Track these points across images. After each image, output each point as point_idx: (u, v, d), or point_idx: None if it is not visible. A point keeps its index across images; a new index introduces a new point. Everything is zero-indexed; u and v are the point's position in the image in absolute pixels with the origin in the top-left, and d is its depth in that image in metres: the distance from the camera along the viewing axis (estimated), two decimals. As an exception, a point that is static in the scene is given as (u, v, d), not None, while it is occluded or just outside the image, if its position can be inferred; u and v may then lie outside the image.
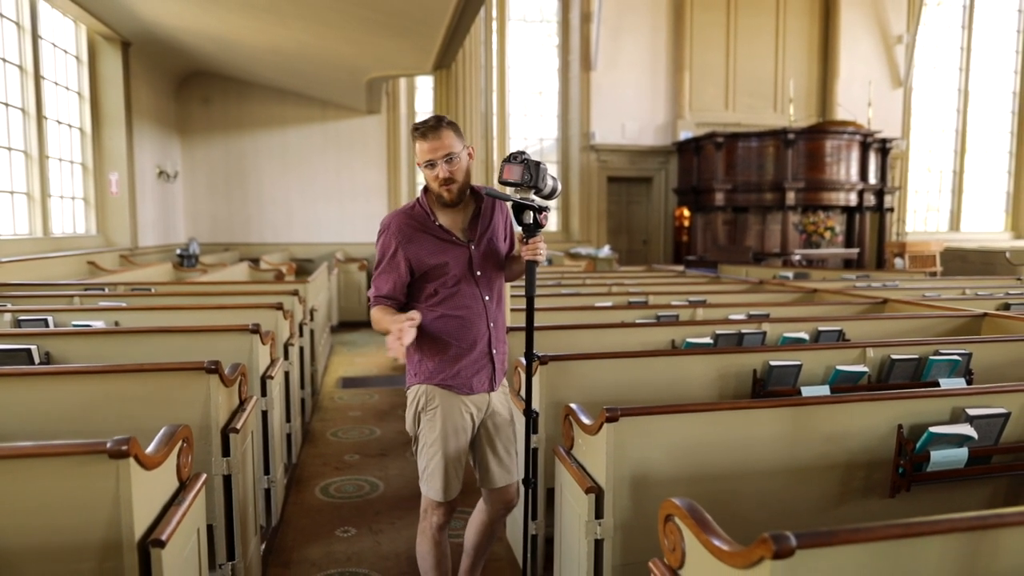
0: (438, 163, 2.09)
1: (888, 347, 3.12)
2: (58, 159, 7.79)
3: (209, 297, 4.72)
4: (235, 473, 2.32)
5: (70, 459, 1.41)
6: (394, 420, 5.09)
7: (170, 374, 2.27)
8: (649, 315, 4.25)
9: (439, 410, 2.19)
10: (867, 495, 2.19)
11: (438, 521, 2.24)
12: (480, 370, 2.23)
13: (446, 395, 2.20)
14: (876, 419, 2.17)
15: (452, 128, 2.12)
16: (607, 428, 1.97)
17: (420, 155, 2.11)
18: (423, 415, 2.21)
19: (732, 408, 2.08)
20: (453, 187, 2.13)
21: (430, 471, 2.19)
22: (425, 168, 2.12)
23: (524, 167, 2.12)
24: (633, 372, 2.90)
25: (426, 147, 2.09)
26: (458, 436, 2.20)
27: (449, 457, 2.18)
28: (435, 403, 2.20)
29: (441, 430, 2.18)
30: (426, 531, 2.27)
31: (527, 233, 2.19)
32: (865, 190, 12.02)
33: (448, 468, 2.18)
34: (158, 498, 1.62)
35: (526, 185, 2.13)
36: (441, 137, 2.08)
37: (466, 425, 2.22)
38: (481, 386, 2.24)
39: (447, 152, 2.09)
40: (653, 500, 2.02)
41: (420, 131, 2.10)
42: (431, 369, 2.22)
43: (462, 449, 2.22)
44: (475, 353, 2.21)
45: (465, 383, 2.21)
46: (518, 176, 2.12)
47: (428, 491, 2.21)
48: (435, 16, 6.64)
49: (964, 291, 5.98)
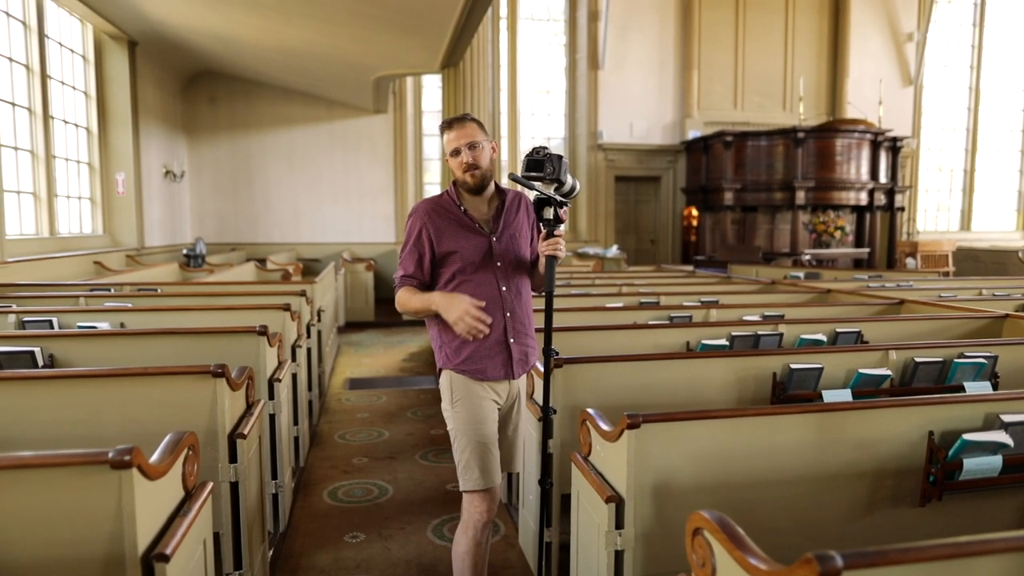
0: (462, 150, 2.20)
1: (911, 350, 3.04)
2: (64, 159, 7.75)
3: (216, 298, 4.66)
4: (243, 480, 2.25)
5: (70, 470, 1.34)
6: (402, 422, 5.03)
7: (176, 378, 2.21)
8: (661, 316, 4.18)
9: (464, 400, 2.22)
10: (896, 504, 2.11)
11: (480, 517, 2.20)
12: (495, 356, 2.25)
13: (466, 382, 2.23)
14: (906, 425, 2.09)
15: (476, 122, 2.27)
16: (628, 435, 1.90)
17: (447, 145, 2.25)
18: (452, 407, 2.25)
19: (757, 414, 2.00)
20: (476, 172, 2.22)
21: (465, 462, 2.20)
22: (451, 157, 2.24)
23: (547, 161, 2.14)
24: (649, 375, 2.83)
25: (452, 136, 2.22)
26: (486, 423, 2.23)
27: (481, 444, 2.20)
28: (460, 394, 2.23)
29: (466, 418, 2.21)
30: (468, 528, 2.22)
31: (547, 228, 2.20)
32: (876, 189, 11.89)
33: (483, 453, 2.19)
34: (163, 509, 1.55)
35: (548, 179, 2.16)
36: (465, 127, 2.22)
37: (491, 411, 2.25)
38: (496, 372, 2.25)
39: (470, 140, 2.21)
40: (676, 509, 1.95)
41: (447, 123, 2.27)
42: (448, 354, 2.26)
43: (492, 435, 2.24)
44: (489, 340, 2.23)
45: (479, 369, 2.23)
46: (540, 170, 2.15)
47: (467, 483, 2.20)
48: (444, 14, 6.57)
49: (981, 292, 5.89)
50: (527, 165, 2.16)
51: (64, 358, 2.87)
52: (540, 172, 2.15)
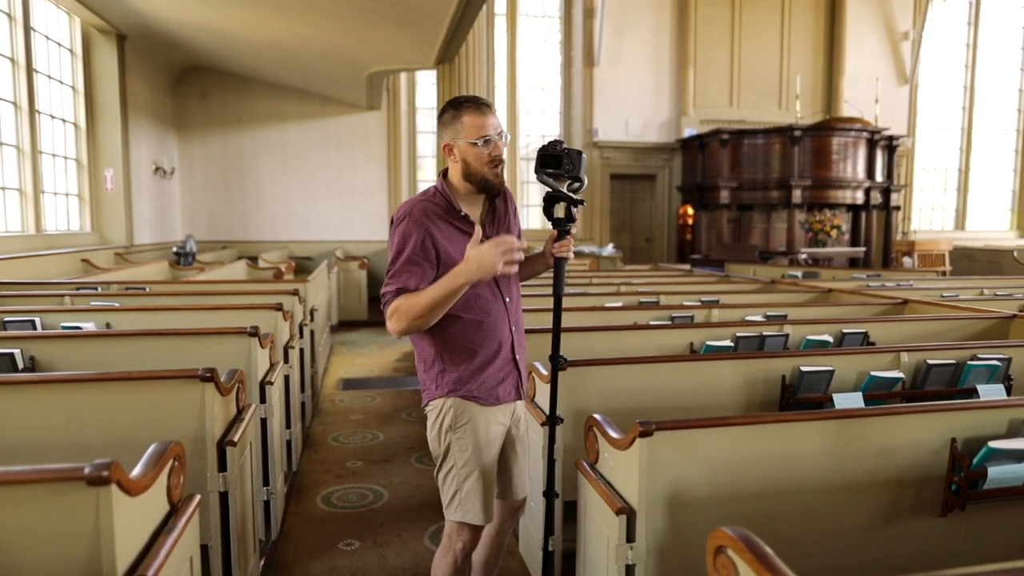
0: (493, 140, 1.90)
1: (923, 351, 2.96)
2: (51, 154, 7.59)
3: (206, 297, 4.54)
4: (232, 489, 2.14)
5: (43, 487, 1.23)
6: (397, 424, 4.92)
7: (161, 383, 2.09)
8: (662, 316, 4.09)
9: (469, 426, 1.99)
10: (917, 514, 2.03)
11: (465, 547, 2.04)
12: (505, 378, 2.04)
13: (475, 409, 1.99)
14: (927, 432, 2.00)
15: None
16: (640, 443, 1.80)
17: (473, 131, 1.89)
18: (451, 433, 1.99)
19: (775, 421, 1.91)
20: (500, 169, 1.95)
21: (464, 493, 1.98)
22: (474, 147, 1.90)
23: (565, 156, 1.95)
24: (655, 378, 2.74)
25: (483, 121, 1.89)
26: (491, 451, 2.03)
27: (485, 476, 2.00)
28: (465, 419, 1.98)
29: (474, 448, 1.98)
30: (448, 556, 2.06)
31: (557, 228, 2.02)
32: (872, 188, 11.84)
33: (486, 489, 2.00)
34: (145, 526, 1.45)
35: (566, 175, 1.96)
36: (495, 114, 1.95)
37: (495, 438, 2.04)
38: (508, 395, 2.05)
39: (501, 129, 1.93)
40: (690, 521, 1.85)
41: (475, 104, 1.92)
42: (454, 380, 1.99)
43: (494, 465, 2.05)
44: (499, 360, 2.02)
45: (491, 393, 2.01)
46: (558, 166, 1.95)
47: (464, 516, 1.99)
48: (440, 8, 6.45)
49: (982, 291, 5.83)
50: (542, 160, 1.96)
51: (46, 360, 2.75)
52: (558, 169, 1.95)
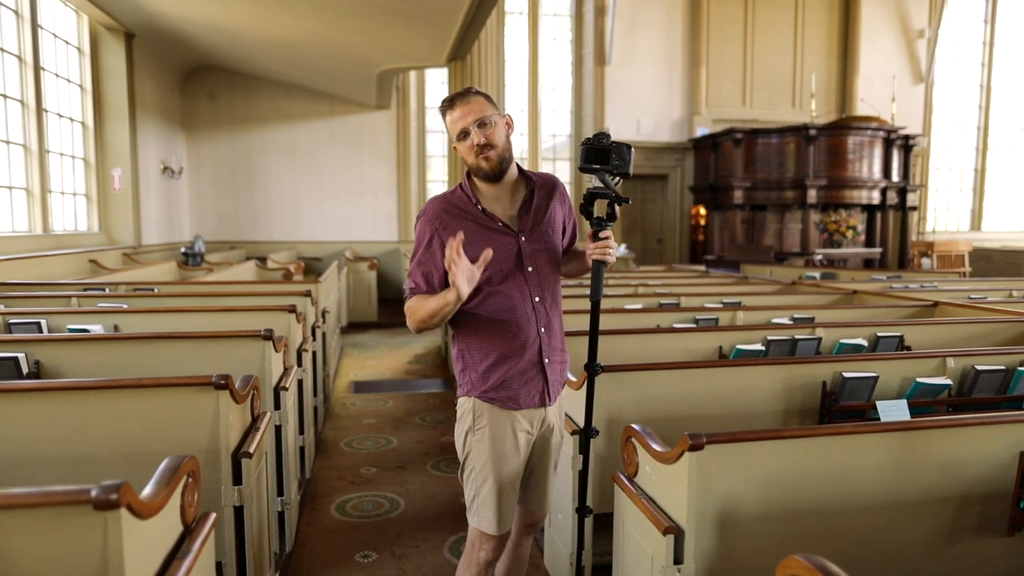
0: (471, 129, 1.83)
1: (970, 356, 2.82)
2: (59, 154, 7.50)
3: (215, 298, 4.42)
4: (248, 503, 2.02)
5: (45, 511, 1.11)
6: (411, 428, 4.79)
7: (173, 390, 1.96)
8: (685, 318, 3.96)
9: (487, 430, 1.89)
10: (982, 533, 1.89)
11: (487, 557, 1.94)
12: (529, 382, 1.91)
13: (494, 412, 1.90)
14: (995, 445, 1.86)
15: (484, 95, 1.89)
16: (689, 457, 1.67)
17: (451, 128, 1.87)
18: (471, 435, 1.92)
19: (833, 433, 1.78)
20: (491, 153, 1.84)
21: (480, 500, 1.90)
22: (459, 142, 1.87)
23: (613, 150, 1.82)
24: (688, 384, 2.61)
25: (456, 115, 1.85)
26: (509, 459, 1.90)
27: (502, 484, 1.89)
28: (483, 422, 1.90)
29: (491, 453, 1.88)
30: (471, 566, 1.96)
31: (597, 228, 1.88)
32: (888, 188, 11.65)
33: (501, 497, 1.89)
34: (158, 550, 1.32)
35: (613, 171, 1.83)
36: (471, 102, 1.85)
37: (519, 445, 1.92)
38: (530, 400, 1.92)
39: (479, 117, 1.83)
40: (741, 541, 1.72)
41: (448, 101, 1.88)
42: (474, 380, 1.93)
43: (515, 473, 1.92)
44: (523, 363, 1.90)
45: (512, 396, 1.90)
46: (606, 161, 1.82)
47: (478, 523, 1.91)
48: (452, 3, 6.33)
49: (1011, 293, 5.67)
50: (587, 155, 1.83)
51: (51, 365, 2.63)
52: (606, 164, 1.82)
